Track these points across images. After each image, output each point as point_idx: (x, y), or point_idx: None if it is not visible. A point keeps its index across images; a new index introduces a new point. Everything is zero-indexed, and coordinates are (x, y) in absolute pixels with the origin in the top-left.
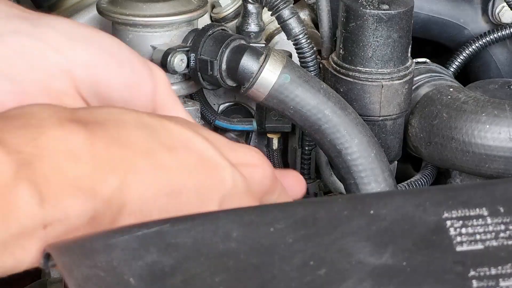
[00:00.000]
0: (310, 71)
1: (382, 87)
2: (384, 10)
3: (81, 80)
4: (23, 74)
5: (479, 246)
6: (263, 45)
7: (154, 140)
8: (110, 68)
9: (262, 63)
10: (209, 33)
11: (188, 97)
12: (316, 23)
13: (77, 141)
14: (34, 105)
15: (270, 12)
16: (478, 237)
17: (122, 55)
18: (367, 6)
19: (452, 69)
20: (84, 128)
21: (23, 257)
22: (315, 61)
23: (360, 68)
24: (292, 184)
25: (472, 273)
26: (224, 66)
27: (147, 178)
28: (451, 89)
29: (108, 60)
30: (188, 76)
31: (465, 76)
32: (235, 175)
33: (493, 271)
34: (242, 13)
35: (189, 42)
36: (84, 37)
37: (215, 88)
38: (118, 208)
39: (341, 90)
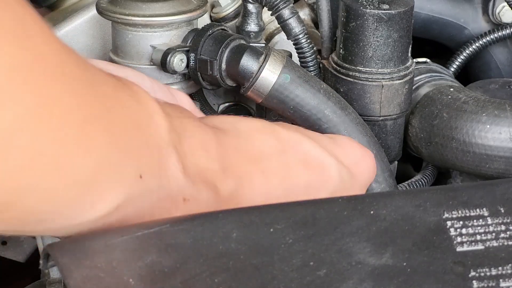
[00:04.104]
0: (310, 71)
1: (383, 87)
2: (384, 10)
3: None
4: None
5: (480, 246)
6: (263, 45)
7: (264, 146)
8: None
9: (262, 63)
10: (209, 33)
11: None
12: (316, 23)
13: (208, 136)
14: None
15: (270, 12)
16: (478, 237)
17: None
18: (367, 6)
19: (452, 69)
20: (211, 129)
21: None
22: (315, 61)
23: (360, 68)
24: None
25: (472, 273)
26: (224, 66)
27: (258, 183)
28: (451, 89)
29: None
30: (188, 76)
31: (465, 76)
32: (341, 171)
33: (494, 272)
34: (242, 13)
35: (189, 42)
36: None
37: (215, 88)
38: (234, 207)
39: (341, 90)
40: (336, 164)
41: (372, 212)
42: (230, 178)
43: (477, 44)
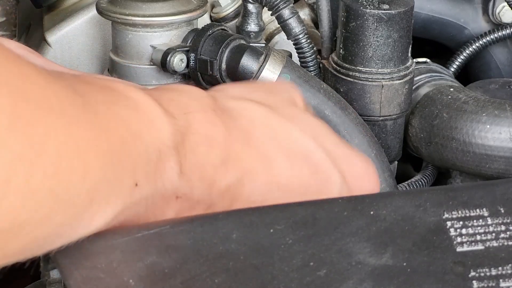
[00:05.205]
0: (310, 71)
1: (383, 87)
2: (384, 10)
3: None
4: None
5: (480, 246)
6: (263, 45)
7: (275, 145)
8: None
9: (262, 63)
10: (209, 33)
11: None
12: (316, 23)
13: (215, 130)
14: (186, 86)
15: (270, 12)
16: (478, 237)
17: None
18: (367, 6)
19: (452, 69)
20: (221, 120)
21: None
22: (315, 61)
23: (361, 68)
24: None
25: (472, 273)
26: (224, 66)
27: (260, 181)
28: (451, 89)
29: None
30: (188, 76)
31: (465, 76)
32: (342, 190)
33: (494, 272)
34: (242, 13)
35: (189, 42)
36: None
37: None
38: (230, 202)
39: (341, 90)
40: (340, 182)
41: (372, 212)
42: (231, 171)
43: (477, 44)
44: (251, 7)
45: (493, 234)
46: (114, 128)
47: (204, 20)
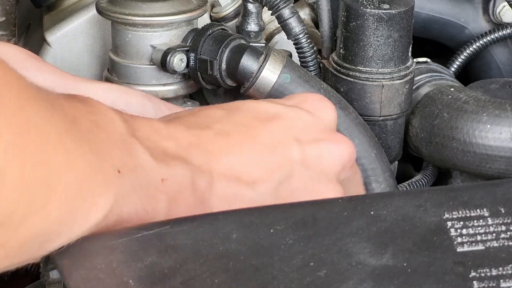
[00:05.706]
0: (310, 71)
1: (383, 87)
2: (384, 9)
3: None
4: None
5: (480, 246)
6: (263, 44)
7: (209, 115)
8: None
9: (262, 63)
10: (208, 33)
11: (187, 97)
12: (316, 22)
13: (154, 122)
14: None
15: (270, 12)
16: (478, 237)
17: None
18: (367, 6)
19: (453, 69)
20: (162, 120)
21: (159, 206)
22: (315, 60)
23: (361, 68)
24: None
25: (473, 274)
26: (224, 65)
27: (219, 145)
28: (452, 89)
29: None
30: (188, 76)
31: (466, 76)
32: (298, 112)
33: (494, 272)
34: (242, 13)
35: (189, 41)
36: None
37: (215, 88)
38: (209, 174)
39: (342, 90)
40: (289, 107)
41: (372, 212)
42: (194, 149)
43: (477, 44)
44: (251, 6)
45: (494, 234)
46: (79, 118)
47: (204, 20)
